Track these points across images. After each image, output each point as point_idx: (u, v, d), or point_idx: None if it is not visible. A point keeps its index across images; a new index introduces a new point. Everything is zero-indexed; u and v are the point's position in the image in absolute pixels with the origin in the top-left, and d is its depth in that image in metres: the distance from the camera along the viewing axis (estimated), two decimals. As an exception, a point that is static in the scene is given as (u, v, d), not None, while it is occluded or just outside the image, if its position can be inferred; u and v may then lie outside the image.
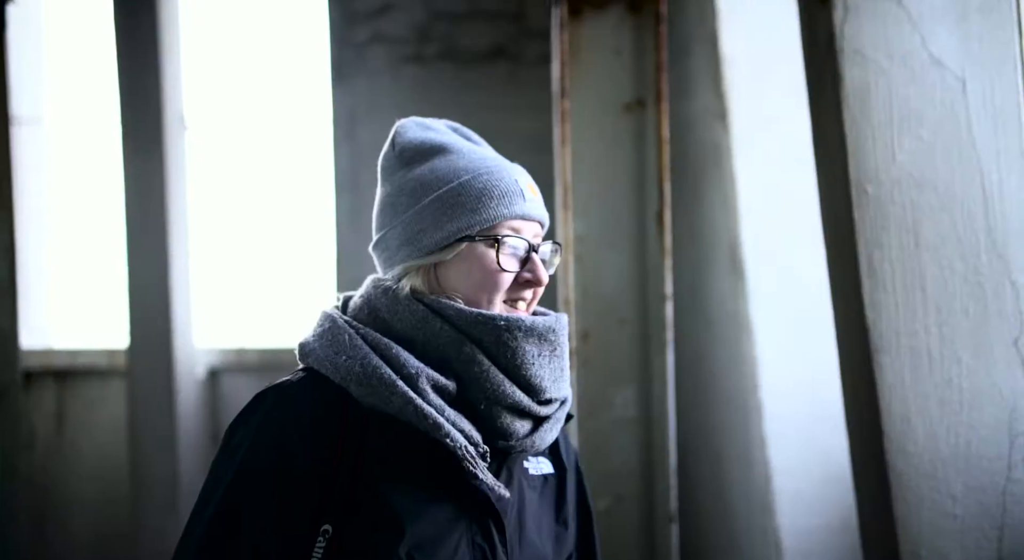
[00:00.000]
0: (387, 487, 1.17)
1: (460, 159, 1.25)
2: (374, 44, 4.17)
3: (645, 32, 2.46)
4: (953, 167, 1.73)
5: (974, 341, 1.68)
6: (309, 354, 1.22)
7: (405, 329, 1.21)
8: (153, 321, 4.07)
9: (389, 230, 1.26)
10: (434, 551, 1.17)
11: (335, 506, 1.16)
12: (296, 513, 1.16)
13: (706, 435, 3.20)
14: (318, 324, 1.25)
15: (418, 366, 1.18)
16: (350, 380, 1.18)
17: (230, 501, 1.17)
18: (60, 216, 4.78)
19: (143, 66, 4.10)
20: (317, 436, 1.17)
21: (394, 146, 1.28)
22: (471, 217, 1.22)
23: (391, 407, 1.17)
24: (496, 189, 1.23)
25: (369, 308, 1.24)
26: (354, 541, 1.16)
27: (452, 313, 1.20)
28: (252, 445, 1.18)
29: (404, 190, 1.25)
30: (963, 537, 1.63)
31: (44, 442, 4.41)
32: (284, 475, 1.16)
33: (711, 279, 3.06)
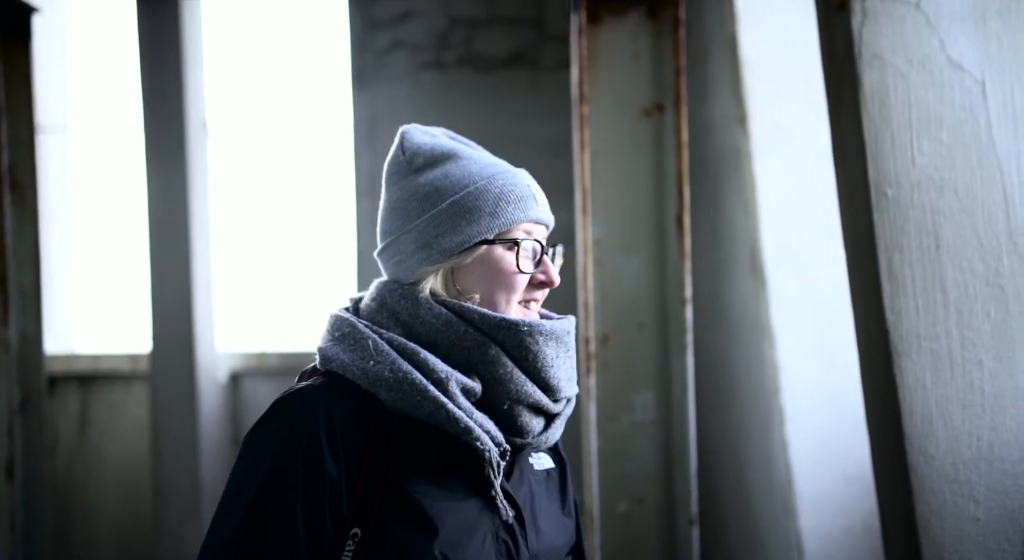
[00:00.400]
0: (415, 489, 1.19)
1: (472, 164, 1.28)
2: (394, 50, 4.20)
3: (664, 37, 2.46)
4: (973, 169, 1.72)
5: (996, 343, 1.68)
6: (333, 360, 1.22)
7: (427, 332, 1.23)
8: (175, 326, 4.11)
9: (402, 234, 1.26)
10: (465, 549, 1.19)
11: (364, 510, 1.17)
12: (325, 518, 1.17)
13: (727, 438, 3.20)
14: (335, 329, 1.25)
15: (447, 370, 1.20)
16: (379, 385, 1.19)
17: (257, 508, 1.16)
18: (84, 223, 4.83)
19: (166, 73, 4.15)
20: (345, 440, 1.18)
21: (403, 151, 1.29)
22: (490, 221, 1.24)
23: (421, 411, 1.19)
24: (512, 193, 1.26)
25: (388, 312, 1.25)
26: (385, 544, 1.17)
27: (476, 317, 1.22)
28: (279, 451, 1.17)
29: (416, 195, 1.26)
30: (986, 541, 1.62)
31: (68, 446, 4.47)
32: (312, 480, 1.16)
33: (731, 283, 3.07)
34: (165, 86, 4.15)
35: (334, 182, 4.59)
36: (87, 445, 4.47)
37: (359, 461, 1.18)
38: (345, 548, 1.17)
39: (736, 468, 3.11)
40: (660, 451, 2.42)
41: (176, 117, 4.15)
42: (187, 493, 4.12)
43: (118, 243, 4.78)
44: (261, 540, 1.16)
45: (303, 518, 1.16)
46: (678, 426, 2.40)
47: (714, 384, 3.25)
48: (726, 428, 3.19)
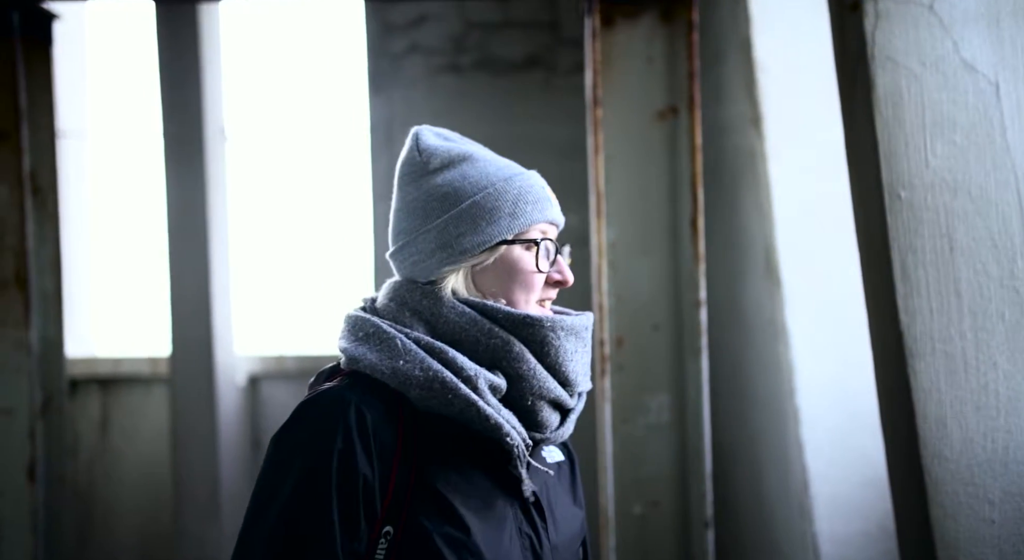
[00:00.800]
0: (445, 486, 1.20)
1: (489, 165, 1.29)
2: (410, 55, 4.22)
3: (677, 40, 2.47)
4: (987, 171, 1.72)
5: (1010, 346, 1.67)
6: (360, 359, 1.23)
7: (450, 331, 1.24)
8: (194, 329, 4.15)
9: (420, 234, 1.27)
10: (496, 545, 1.21)
11: (395, 508, 1.18)
12: (359, 518, 1.18)
13: (743, 440, 3.19)
14: (358, 329, 1.26)
15: (475, 368, 1.21)
16: (409, 384, 1.20)
17: (293, 510, 1.17)
18: (104, 227, 4.88)
19: (184, 79, 4.19)
20: (377, 440, 1.19)
21: (419, 153, 1.30)
22: (509, 221, 1.26)
23: (451, 409, 1.20)
24: (530, 194, 1.28)
25: (410, 311, 1.25)
26: (418, 542, 1.18)
27: (502, 314, 1.24)
28: (312, 452, 1.18)
29: (434, 195, 1.27)
30: (1001, 543, 1.62)
31: (89, 448, 4.51)
32: (347, 480, 1.17)
33: (747, 285, 3.06)
34: (184, 92, 4.20)
35: (351, 186, 4.61)
36: (108, 447, 4.52)
37: (391, 460, 1.19)
38: (378, 547, 1.18)
39: (752, 470, 3.10)
40: (675, 453, 2.42)
41: (195, 122, 4.19)
42: (206, 495, 4.15)
43: (138, 247, 4.83)
44: (298, 542, 1.16)
45: (339, 519, 1.16)
46: (693, 428, 2.41)
47: (730, 387, 3.25)
48: (742, 430, 3.18)
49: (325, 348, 4.62)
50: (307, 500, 1.17)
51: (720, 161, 3.18)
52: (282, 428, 1.22)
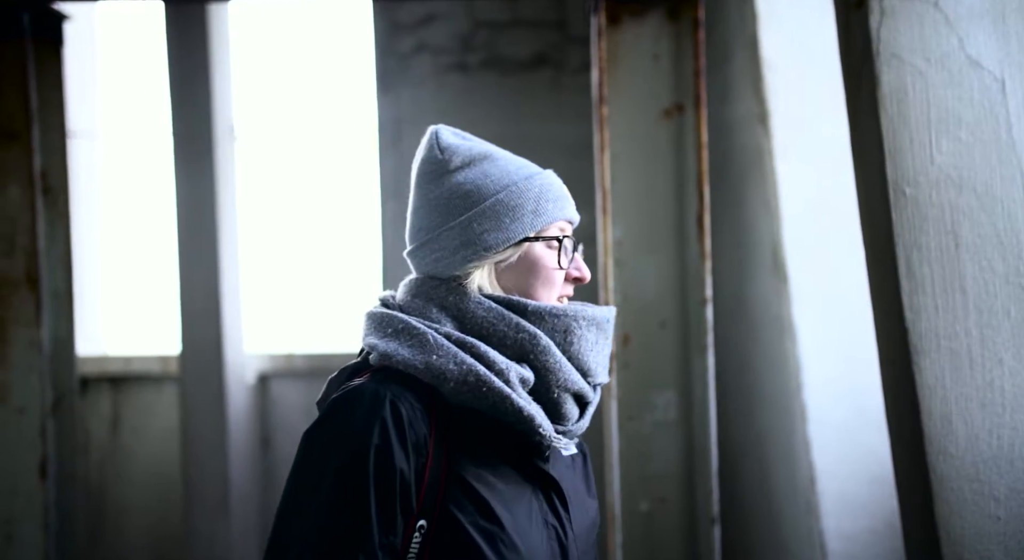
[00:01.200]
0: (477, 479, 1.22)
1: (509, 164, 1.32)
2: (418, 54, 4.23)
3: (684, 38, 2.47)
4: (992, 168, 1.72)
5: (1016, 342, 1.67)
6: (393, 355, 1.23)
7: (478, 326, 1.26)
8: (204, 328, 4.17)
9: (442, 232, 1.29)
10: (527, 537, 1.23)
11: (429, 502, 1.20)
12: (396, 513, 1.19)
13: (751, 437, 3.19)
14: (386, 325, 1.27)
15: (506, 362, 1.23)
16: (443, 378, 1.22)
17: (330, 508, 1.17)
18: (115, 226, 4.91)
19: (194, 79, 4.22)
20: (412, 434, 1.20)
21: (441, 151, 1.31)
22: (532, 218, 1.28)
23: (483, 402, 1.22)
24: (551, 191, 1.31)
25: (437, 307, 1.27)
26: (452, 535, 1.20)
27: (529, 308, 1.27)
28: (349, 448, 1.19)
29: (457, 193, 1.29)
30: (1006, 540, 1.62)
31: (100, 446, 4.54)
32: (384, 476, 1.18)
33: (754, 282, 3.06)
34: (193, 92, 4.22)
35: (359, 185, 4.63)
36: (119, 445, 4.55)
37: (425, 454, 1.20)
38: (412, 541, 1.19)
39: (759, 467, 3.10)
40: (682, 450, 2.43)
41: (204, 122, 4.21)
42: (216, 493, 4.18)
43: (148, 246, 4.86)
44: (338, 539, 1.17)
45: (376, 514, 1.17)
46: (699, 425, 2.41)
47: (738, 384, 3.25)
48: (749, 427, 3.18)
49: (334, 346, 4.63)
50: (345, 497, 1.17)
51: (727, 159, 3.18)
52: (316, 424, 1.23)
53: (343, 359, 4.90)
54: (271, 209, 4.75)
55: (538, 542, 1.24)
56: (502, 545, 1.20)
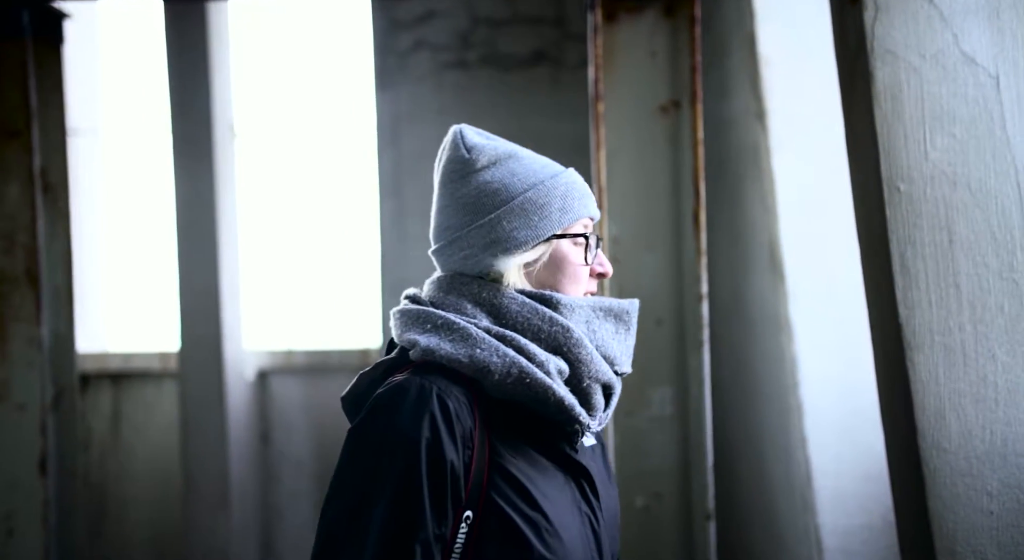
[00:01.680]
0: (518, 470, 1.25)
1: (534, 162, 1.35)
2: (417, 51, 4.23)
3: (680, 34, 2.48)
4: (987, 164, 1.72)
5: (1009, 338, 1.67)
6: (436, 350, 1.25)
7: (512, 320, 1.29)
8: (204, 324, 4.18)
9: (472, 229, 1.31)
10: (569, 524, 1.26)
11: (475, 492, 1.23)
12: (448, 505, 1.21)
13: (748, 434, 3.20)
14: (425, 321, 1.29)
15: (545, 355, 1.27)
16: (487, 371, 1.24)
17: (388, 503, 1.19)
18: (115, 224, 4.92)
19: (193, 77, 4.22)
20: (459, 426, 1.22)
21: (468, 151, 1.33)
22: (560, 216, 1.32)
23: (527, 394, 1.25)
24: (576, 189, 1.35)
25: (472, 303, 1.30)
26: (498, 524, 1.22)
27: (561, 302, 1.30)
28: (402, 445, 1.20)
29: (485, 191, 1.31)
30: (999, 534, 1.62)
31: (100, 443, 4.56)
32: (437, 469, 1.20)
33: (751, 279, 3.07)
34: (193, 89, 4.22)
35: (358, 182, 4.64)
36: (119, 441, 4.56)
37: (471, 446, 1.23)
38: (459, 531, 1.22)
39: (756, 464, 3.11)
40: (677, 446, 2.43)
41: (204, 119, 4.22)
42: (216, 488, 4.19)
43: (149, 243, 4.87)
44: (395, 534, 1.19)
45: (430, 506, 1.20)
46: (695, 421, 2.42)
47: (735, 380, 3.25)
48: (746, 423, 3.19)
49: (333, 343, 4.64)
50: (399, 491, 1.19)
51: (725, 155, 3.19)
52: (363, 421, 1.24)
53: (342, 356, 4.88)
54: (270, 206, 4.76)
55: (575, 530, 1.27)
56: (546, 533, 1.23)
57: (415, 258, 4.18)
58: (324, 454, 4.47)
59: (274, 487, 4.46)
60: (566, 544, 1.24)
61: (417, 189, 4.17)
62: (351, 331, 4.71)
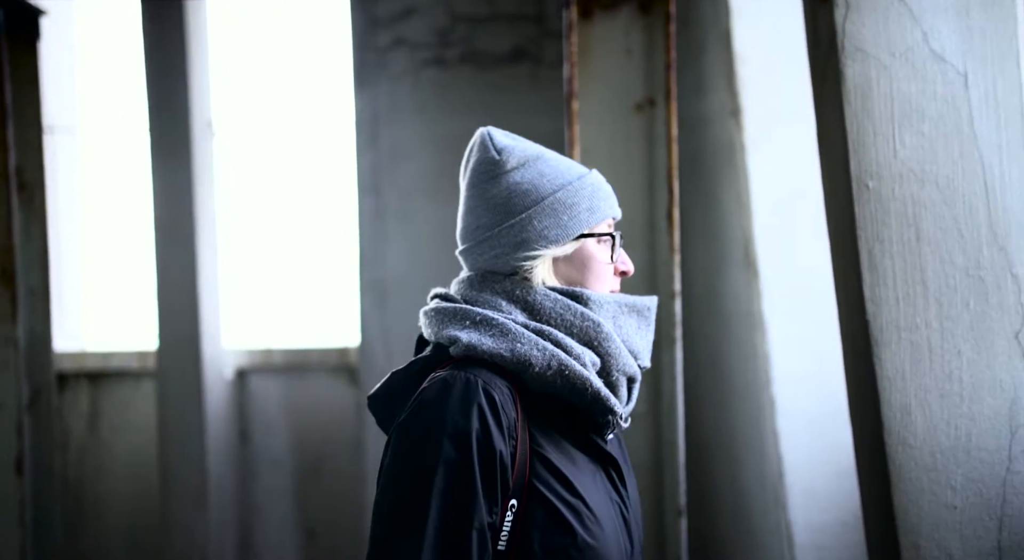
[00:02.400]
0: (557, 459, 1.29)
1: (561, 163, 1.40)
2: (396, 48, 4.22)
3: (655, 32, 2.48)
4: (955, 161, 1.73)
5: (975, 334, 1.69)
6: (477, 346, 1.29)
7: (546, 316, 1.33)
8: (182, 323, 4.16)
9: (503, 228, 1.35)
10: (604, 512, 1.30)
11: (519, 482, 1.26)
12: (498, 495, 1.25)
13: (722, 431, 3.21)
14: (463, 318, 1.32)
15: (581, 348, 1.31)
16: (528, 365, 1.28)
17: (441, 495, 1.22)
18: (93, 222, 4.89)
19: (171, 74, 4.20)
20: (504, 418, 1.26)
21: (498, 152, 1.37)
22: (588, 215, 1.37)
23: (565, 386, 1.29)
24: (601, 190, 1.40)
25: (506, 300, 1.34)
26: (544, 512, 1.26)
27: (592, 298, 1.35)
28: (454, 439, 1.23)
29: (516, 192, 1.35)
30: (963, 528, 1.64)
31: (78, 442, 4.53)
32: (486, 459, 1.24)
33: (726, 276, 3.08)
34: (171, 86, 4.20)
35: (337, 179, 4.62)
36: (98, 441, 4.53)
37: (515, 436, 1.27)
38: (505, 520, 1.25)
39: (729, 460, 3.13)
40: (650, 443, 2.44)
41: (182, 117, 4.19)
42: (195, 486, 4.17)
43: (127, 242, 4.84)
44: (450, 526, 1.22)
45: (484, 496, 1.23)
46: (667, 418, 2.42)
47: (710, 377, 3.26)
48: (721, 420, 3.20)
49: (313, 341, 4.63)
50: (452, 483, 1.23)
51: (701, 152, 3.20)
52: (412, 415, 1.27)
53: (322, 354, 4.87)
54: (249, 204, 4.74)
55: (610, 517, 1.31)
56: (587, 519, 1.27)
57: (394, 256, 4.17)
58: (303, 452, 4.46)
59: (253, 486, 4.45)
60: (605, 530, 1.29)
61: (396, 187, 4.16)
62: (330, 330, 4.69)
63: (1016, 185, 1.72)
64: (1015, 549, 1.62)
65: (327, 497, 4.42)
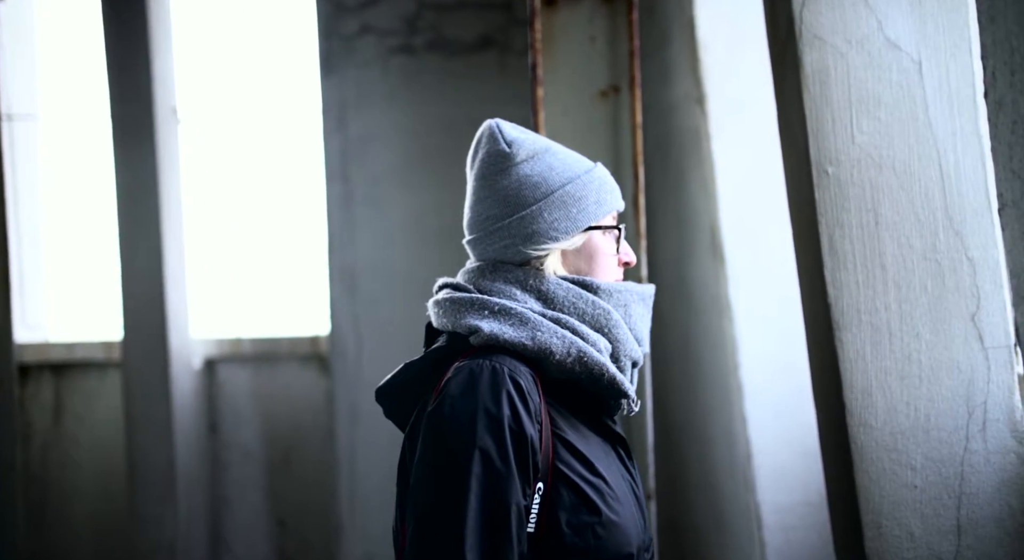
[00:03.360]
0: (576, 441, 1.33)
1: (568, 156, 1.43)
2: (363, 35, 4.20)
3: (618, 19, 2.50)
4: (911, 147, 1.76)
5: (932, 317, 1.72)
6: (499, 335, 1.32)
7: (559, 304, 1.37)
8: (147, 313, 4.12)
9: (514, 220, 1.38)
10: (621, 490, 1.35)
11: (544, 464, 1.30)
12: (530, 476, 1.28)
13: (693, 415, 3.25)
14: (481, 308, 1.35)
15: (595, 335, 1.36)
16: (548, 352, 1.32)
17: (479, 481, 1.25)
18: (56, 211, 4.83)
19: (134, 59, 4.14)
20: (531, 403, 1.30)
21: (508, 144, 1.40)
22: (595, 208, 1.40)
23: (583, 372, 1.33)
24: (608, 183, 1.44)
25: (520, 289, 1.38)
26: (570, 493, 1.30)
27: (600, 287, 1.39)
28: (484, 423, 1.26)
29: (526, 184, 1.38)
30: (922, 507, 1.67)
31: (42, 435, 4.48)
32: (519, 443, 1.27)
33: (694, 263, 3.11)
34: (134, 73, 4.14)
35: (304, 167, 4.60)
36: (62, 433, 4.48)
37: (540, 420, 1.31)
38: (533, 502, 1.29)
39: (701, 444, 3.16)
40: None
41: (145, 103, 4.14)
42: (162, 478, 4.15)
43: (91, 230, 4.78)
44: (492, 510, 1.25)
45: (519, 479, 1.27)
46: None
47: (681, 363, 3.29)
48: (693, 406, 3.24)
49: (282, 330, 4.61)
50: (489, 468, 1.25)
51: (668, 140, 3.22)
52: (442, 405, 1.29)
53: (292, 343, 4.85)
54: (216, 192, 4.70)
55: (626, 494, 1.36)
56: (609, 497, 1.31)
57: (363, 243, 4.16)
58: (273, 443, 4.44)
59: (222, 477, 4.43)
60: (624, 506, 1.33)
61: (364, 174, 4.15)
62: (299, 318, 4.67)
63: (970, 170, 1.75)
64: (973, 526, 1.66)
65: (298, 487, 4.42)
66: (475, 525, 1.24)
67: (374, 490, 4.05)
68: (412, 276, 3.99)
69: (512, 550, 1.24)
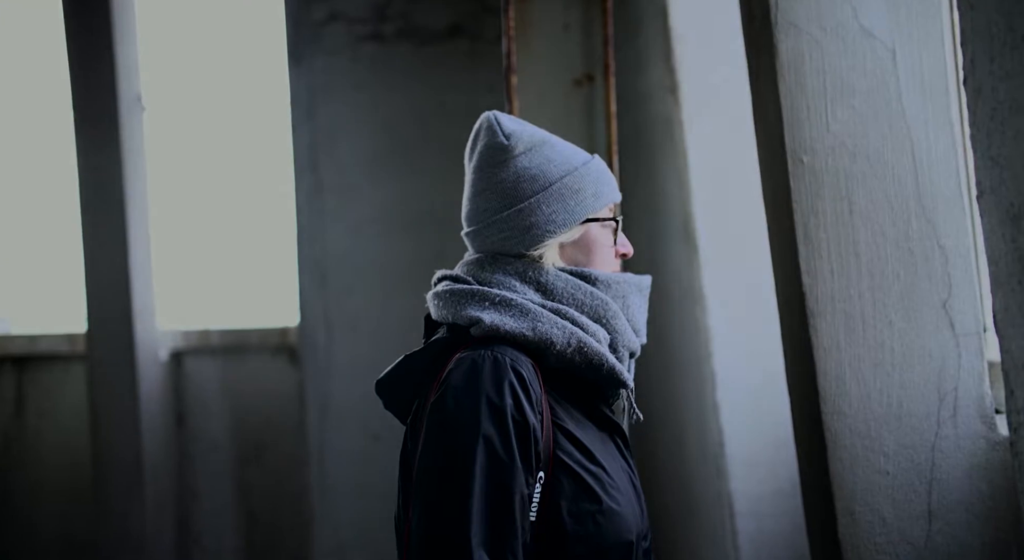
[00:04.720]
0: (575, 431, 1.34)
1: (566, 149, 1.45)
2: (331, 23, 4.15)
3: (592, 7, 2.49)
4: (884, 136, 1.77)
5: (905, 304, 1.73)
6: (500, 326, 1.34)
7: (558, 295, 1.39)
8: (112, 304, 4.06)
9: (512, 212, 1.39)
10: (620, 479, 1.36)
11: (545, 453, 1.31)
12: (533, 467, 1.29)
13: (668, 404, 3.25)
14: (482, 299, 1.36)
15: (595, 326, 1.37)
16: (549, 343, 1.34)
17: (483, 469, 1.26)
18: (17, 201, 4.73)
19: (97, 48, 4.06)
20: (533, 393, 1.31)
21: (506, 137, 1.41)
22: (593, 201, 1.42)
23: (583, 362, 1.35)
24: (605, 175, 1.46)
25: (519, 280, 1.39)
26: (571, 482, 1.31)
27: (601, 278, 1.41)
28: (487, 413, 1.27)
29: (524, 177, 1.40)
30: (894, 493, 1.69)
31: (4, 429, 4.40)
32: (522, 432, 1.28)
33: (668, 252, 3.11)
34: (96, 61, 4.06)
35: (273, 157, 4.54)
36: (24, 427, 4.40)
37: (541, 410, 1.32)
38: (534, 491, 1.30)
39: (675, 433, 3.17)
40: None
41: (108, 91, 4.06)
42: (129, 471, 4.09)
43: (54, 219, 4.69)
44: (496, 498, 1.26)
45: (523, 467, 1.27)
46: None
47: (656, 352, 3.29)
48: (667, 395, 3.24)
49: (250, 321, 4.56)
50: (493, 456, 1.26)
51: (642, 129, 3.21)
52: (447, 395, 1.30)
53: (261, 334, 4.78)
54: (182, 181, 4.63)
55: (625, 483, 1.37)
56: (609, 487, 1.33)
57: (333, 234, 4.11)
58: (241, 435, 4.40)
59: (190, 470, 4.37)
60: (624, 495, 1.34)
61: (333, 164, 4.10)
62: (269, 309, 4.63)
63: (942, 159, 1.77)
64: (944, 512, 1.67)
65: (268, 480, 4.37)
66: (480, 512, 1.25)
67: (345, 481, 4.02)
68: (382, 266, 3.96)
69: (516, 537, 1.26)
